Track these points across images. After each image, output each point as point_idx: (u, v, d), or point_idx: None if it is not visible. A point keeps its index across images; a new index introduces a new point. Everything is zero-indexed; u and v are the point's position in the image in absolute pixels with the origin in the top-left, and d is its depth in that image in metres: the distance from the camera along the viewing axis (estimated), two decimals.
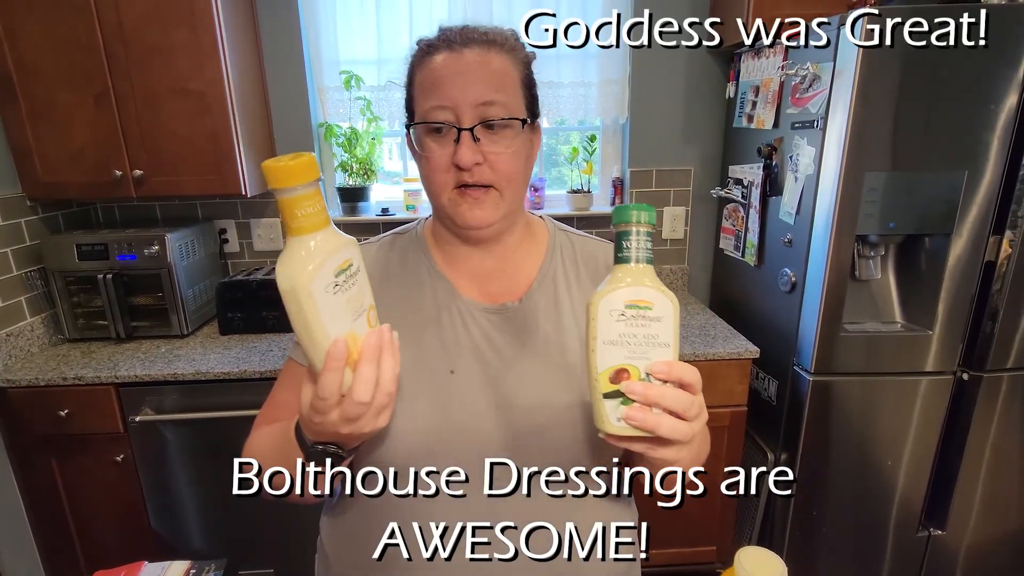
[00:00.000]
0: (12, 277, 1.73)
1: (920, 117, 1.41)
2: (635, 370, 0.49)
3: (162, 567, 0.57)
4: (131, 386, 1.62)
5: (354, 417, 0.51)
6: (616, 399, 0.50)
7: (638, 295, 0.49)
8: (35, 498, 1.72)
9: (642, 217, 0.50)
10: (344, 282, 0.50)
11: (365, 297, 0.54)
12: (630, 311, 0.50)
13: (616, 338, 0.50)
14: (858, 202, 1.46)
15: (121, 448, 1.66)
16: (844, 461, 1.68)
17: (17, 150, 1.71)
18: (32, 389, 1.60)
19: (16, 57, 1.63)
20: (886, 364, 1.59)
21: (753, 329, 1.82)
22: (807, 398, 1.63)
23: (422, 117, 0.64)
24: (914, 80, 1.38)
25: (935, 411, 1.63)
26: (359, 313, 0.52)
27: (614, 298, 0.50)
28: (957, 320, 1.56)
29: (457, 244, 0.72)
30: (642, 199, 2.19)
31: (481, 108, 0.62)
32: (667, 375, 0.49)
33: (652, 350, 0.49)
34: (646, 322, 0.49)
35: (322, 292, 0.49)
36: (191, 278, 1.90)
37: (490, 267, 0.73)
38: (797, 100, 1.58)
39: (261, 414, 0.75)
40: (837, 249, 1.50)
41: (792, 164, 1.63)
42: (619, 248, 0.51)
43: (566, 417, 0.65)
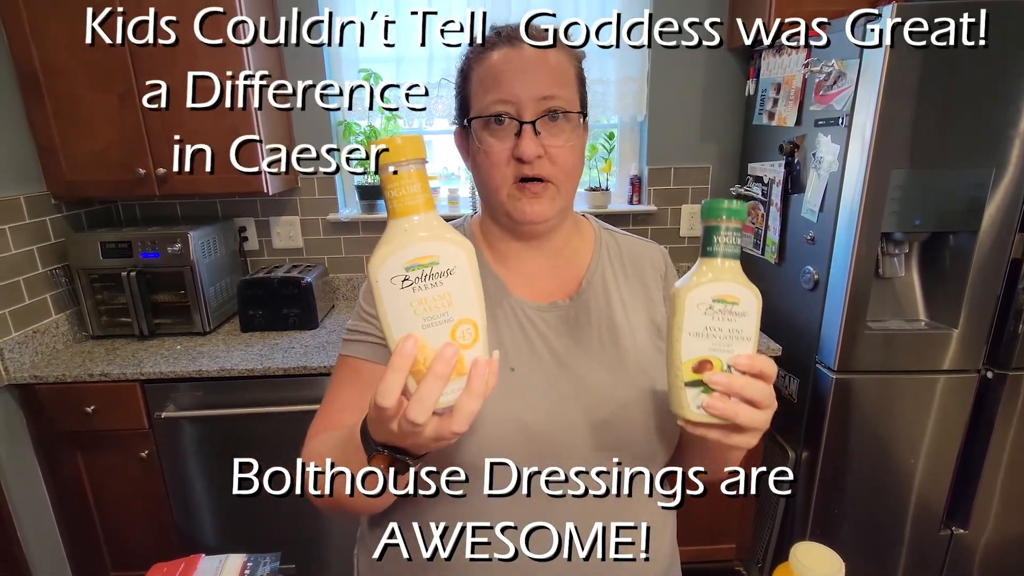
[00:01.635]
0: (37, 275, 1.74)
1: (945, 114, 1.40)
2: (718, 362, 0.51)
3: (219, 560, 0.58)
4: (156, 383, 1.63)
5: (412, 433, 0.46)
6: (697, 388, 0.52)
7: (726, 291, 0.51)
8: (61, 493, 1.74)
9: (732, 213, 0.51)
10: (418, 280, 0.45)
11: (455, 308, 0.46)
12: (717, 305, 0.51)
13: (702, 330, 0.51)
14: (883, 199, 1.46)
15: (146, 444, 1.68)
16: (866, 459, 1.68)
17: (43, 149, 1.73)
18: (59, 386, 1.61)
19: (42, 57, 1.65)
20: (910, 362, 1.59)
21: (774, 327, 1.81)
22: (829, 396, 1.62)
23: (482, 111, 0.64)
24: (939, 77, 1.37)
25: (959, 409, 1.62)
26: (439, 321, 0.46)
27: (702, 292, 0.51)
28: (982, 318, 1.55)
29: (509, 241, 0.72)
30: (660, 197, 2.19)
31: (542, 102, 0.62)
32: (749, 368, 0.51)
33: (735, 343, 0.51)
34: (731, 316, 0.51)
35: (387, 282, 0.45)
36: (212, 276, 1.92)
37: (541, 265, 0.73)
38: (821, 97, 1.58)
39: (316, 421, 0.70)
40: (862, 246, 1.49)
41: (815, 161, 1.62)
42: (708, 242, 0.52)
43: (625, 412, 0.66)
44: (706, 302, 0.51)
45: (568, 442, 0.65)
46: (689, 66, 2.06)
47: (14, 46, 1.64)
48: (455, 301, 0.46)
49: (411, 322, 0.46)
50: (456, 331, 0.47)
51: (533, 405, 0.66)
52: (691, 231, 2.22)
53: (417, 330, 0.46)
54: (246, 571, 0.57)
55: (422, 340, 0.46)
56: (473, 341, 0.47)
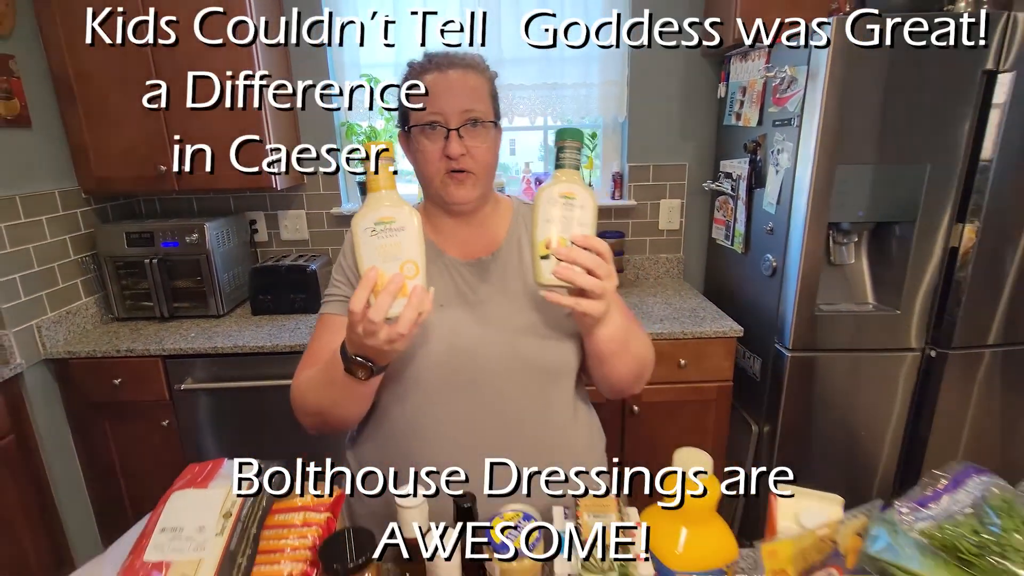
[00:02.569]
0: (70, 261, 1.93)
1: (884, 115, 1.55)
2: (563, 240, 0.72)
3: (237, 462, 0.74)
4: (176, 358, 1.81)
5: (371, 332, 0.68)
6: (548, 260, 0.71)
7: (568, 189, 0.71)
8: (90, 458, 1.93)
9: (573, 135, 0.72)
10: (382, 231, 0.68)
11: (403, 251, 0.69)
12: (562, 200, 0.71)
13: (551, 217, 0.72)
14: (830, 193, 1.61)
15: (166, 414, 1.86)
16: (822, 432, 1.82)
17: (75, 148, 1.92)
18: (89, 360, 1.80)
19: (75, 65, 1.84)
20: (859, 341, 1.74)
21: (741, 311, 1.97)
22: (786, 373, 1.77)
23: (419, 121, 0.83)
24: (878, 82, 1.52)
25: (906, 385, 1.77)
26: (392, 260, 0.69)
27: (551, 190, 0.72)
28: (923, 301, 1.69)
29: (443, 216, 0.92)
30: (640, 193, 2.34)
31: (464, 114, 0.82)
32: (584, 243, 0.71)
33: (576, 227, 0.71)
34: (572, 208, 0.71)
35: (361, 231, 0.69)
36: (226, 264, 2.10)
37: (468, 233, 0.93)
38: (777, 100, 1.73)
39: (303, 362, 0.92)
40: (811, 236, 1.65)
41: (773, 159, 1.77)
42: (557, 158, 0.73)
43: (530, 335, 0.87)
44: (554, 197, 0.71)
45: (485, 356, 0.86)
46: (666, 70, 2.22)
47: (51, 56, 1.83)
48: (404, 247, 0.69)
49: (374, 258, 0.69)
50: (403, 267, 0.70)
51: (457, 331, 0.86)
52: (669, 224, 2.38)
53: (378, 264, 0.69)
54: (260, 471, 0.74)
55: (380, 271, 0.69)
56: (415, 274, 0.70)
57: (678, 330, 1.83)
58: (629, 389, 0.92)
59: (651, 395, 1.88)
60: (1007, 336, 1.71)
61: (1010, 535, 0.65)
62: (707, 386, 1.88)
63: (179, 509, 0.65)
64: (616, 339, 0.81)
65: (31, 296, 1.77)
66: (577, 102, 2.25)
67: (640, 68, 2.22)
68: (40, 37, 1.82)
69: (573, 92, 2.24)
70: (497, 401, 0.86)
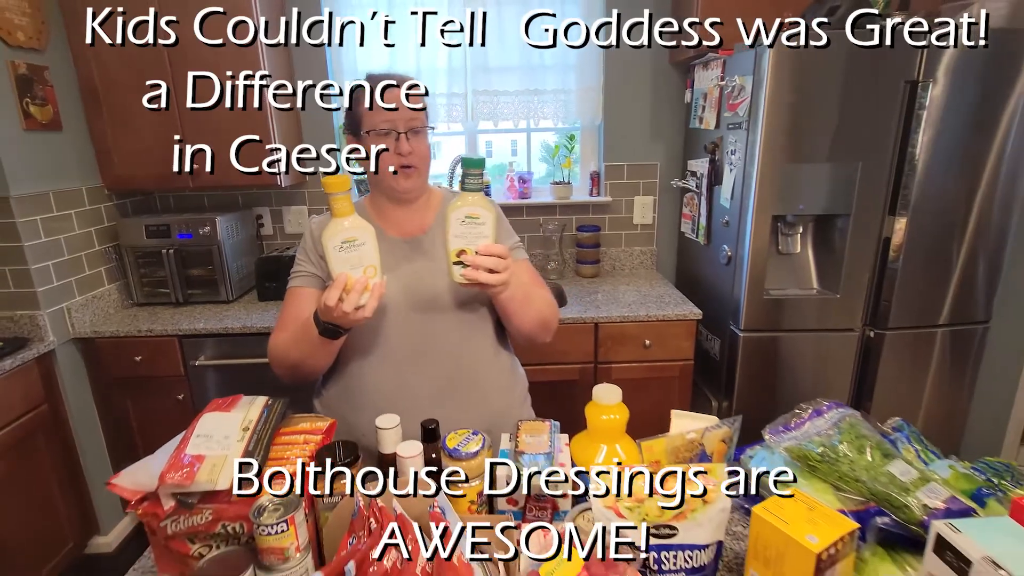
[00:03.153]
0: (95, 251, 2.14)
1: (819, 119, 1.74)
2: (470, 249, 0.95)
3: (251, 399, 0.93)
4: (191, 337, 2.02)
5: (342, 315, 0.93)
6: (459, 265, 0.95)
7: (472, 211, 0.93)
8: (113, 428, 2.13)
9: (473, 164, 0.93)
10: (347, 248, 0.93)
11: (365, 260, 0.93)
12: (467, 219, 0.93)
13: (459, 233, 0.94)
14: (774, 188, 1.80)
15: (181, 388, 2.06)
16: (772, 405, 2.02)
17: (100, 149, 2.12)
18: (113, 339, 2.00)
19: (101, 75, 2.04)
20: (805, 322, 1.93)
21: (704, 297, 2.17)
22: (740, 352, 1.97)
23: (375, 127, 1.04)
24: (816, 87, 1.72)
25: (848, 362, 1.96)
26: (356, 266, 0.93)
27: (459, 212, 0.94)
28: (862, 287, 1.89)
29: (388, 203, 1.14)
30: (615, 190, 2.54)
31: (410, 122, 1.05)
32: (486, 251, 0.95)
33: (479, 240, 0.93)
34: (476, 226, 0.93)
35: (331, 248, 0.92)
36: (235, 254, 2.30)
37: (406, 216, 1.16)
38: (731, 105, 1.93)
39: (278, 326, 1.13)
40: (758, 227, 1.84)
41: (728, 158, 1.97)
42: (463, 182, 0.94)
43: (449, 291, 1.10)
44: (461, 217, 0.93)
45: (417, 305, 1.10)
46: (639, 77, 2.41)
47: (79, 66, 2.04)
48: (364, 257, 0.94)
49: (342, 267, 0.93)
50: (365, 271, 0.94)
51: (397, 288, 1.09)
52: (643, 219, 2.57)
53: (346, 270, 0.93)
54: (268, 402, 0.93)
55: (348, 275, 0.93)
56: (374, 275, 0.95)
57: (643, 313, 2.02)
58: (539, 337, 1.16)
59: (620, 372, 2.07)
60: (937, 318, 1.91)
61: (844, 446, 0.85)
62: (670, 364, 2.08)
63: (209, 424, 0.85)
64: (516, 299, 1.06)
65: (62, 281, 1.98)
66: (557, 106, 2.44)
67: (615, 75, 2.41)
68: (70, 50, 2.03)
69: (553, 97, 2.44)
70: (430, 345, 1.11)
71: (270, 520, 0.71)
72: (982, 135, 1.75)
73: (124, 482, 0.76)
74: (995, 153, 1.76)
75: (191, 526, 0.76)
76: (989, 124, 1.74)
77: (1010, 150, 1.76)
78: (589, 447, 0.88)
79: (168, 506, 0.75)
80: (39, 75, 1.89)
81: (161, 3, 1.95)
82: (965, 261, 1.86)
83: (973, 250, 1.85)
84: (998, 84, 1.71)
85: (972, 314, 1.93)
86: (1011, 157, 1.77)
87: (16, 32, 1.80)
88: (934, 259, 1.85)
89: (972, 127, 1.74)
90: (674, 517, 0.71)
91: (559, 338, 2.02)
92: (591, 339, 2.05)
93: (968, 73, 1.69)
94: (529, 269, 1.20)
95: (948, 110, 1.71)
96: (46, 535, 1.89)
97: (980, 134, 1.75)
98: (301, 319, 1.04)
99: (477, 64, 2.38)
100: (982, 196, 1.80)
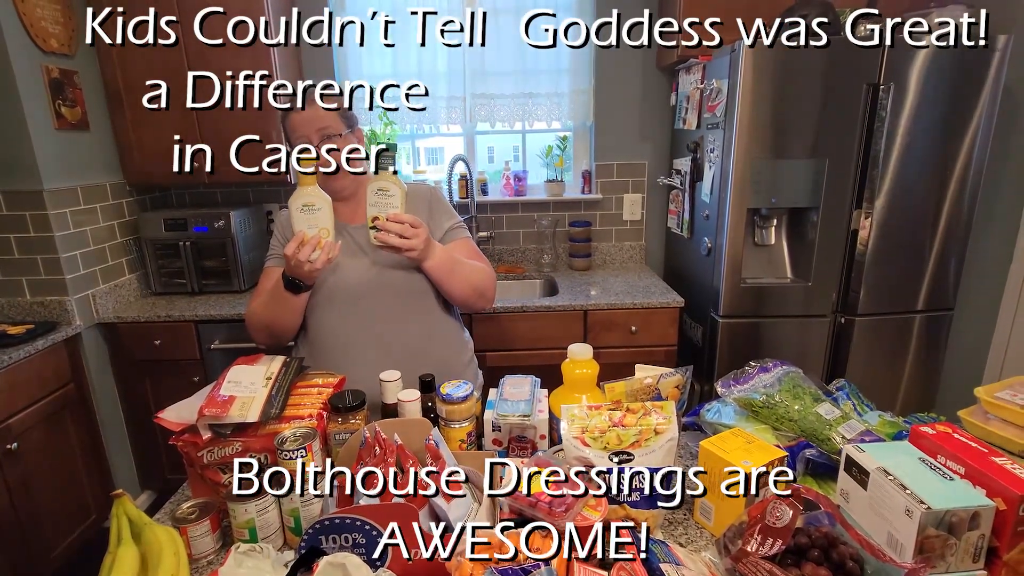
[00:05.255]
0: (117, 243, 2.29)
1: (789, 119, 1.89)
2: (382, 217, 1.13)
3: (271, 357, 1.07)
4: (206, 323, 2.16)
5: (299, 266, 1.10)
6: (374, 230, 1.13)
7: (383, 185, 1.11)
8: (132, 409, 2.27)
9: (389, 148, 1.13)
10: (307, 211, 1.10)
11: (320, 222, 1.10)
12: (379, 192, 1.11)
13: (374, 203, 1.13)
14: (749, 184, 1.94)
15: (197, 371, 2.20)
16: None
17: (122, 148, 2.28)
18: (134, 324, 2.15)
19: (124, 78, 2.20)
20: (780, 309, 2.07)
21: (688, 288, 2.30)
22: (719, 337, 2.11)
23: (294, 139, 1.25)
24: (785, 89, 1.86)
25: (821, 346, 2.10)
26: (313, 227, 1.11)
27: (374, 186, 1.12)
28: (832, 276, 2.02)
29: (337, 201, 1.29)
30: (605, 188, 2.68)
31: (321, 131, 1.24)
32: (395, 218, 1.12)
33: (389, 209, 1.12)
34: (386, 197, 1.11)
35: (295, 209, 1.10)
36: (247, 247, 2.44)
37: (347, 209, 1.32)
38: (709, 107, 2.07)
39: (253, 296, 1.34)
40: (735, 219, 1.98)
41: (708, 156, 2.11)
42: (376, 163, 1.12)
43: (396, 269, 1.27)
44: (374, 190, 1.12)
45: (368, 284, 1.26)
46: (628, 81, 2.56)
47: (104, 70, 2.20)
48: (320, 220, 1.11)
49: (302, 225, 1.11)
50: (320, 231, 1.11)
51: (348, 266, 1.27)
52: (632, 216, 2.71)
53: (305, 229, 1.10)
54: (286, 360, 1.08)
55: (305, 232, 1.10)
56: (327, 236, 1.12)
57: (629, 302, 2.16)
58: (475, 303, 1.32)
59: (607, 356, 2.18)
60: (905, 305, 2.04)
61: (783, 395, 0.98)
62: (655, 350, 2.21)
63: (237, 374, 0.99)
64: (441, 268, 1.23)
65: (88, 270, 2.12)
66: (550, 109, 2.59)
67: (605, 78, 2.56)
68: (97, 54, 2.18)
69: (547, 100, 2.58)
70: (379, 312, 1.27)
71: (292, 447, 0.85)
72: (946, 136, 1.89)
73: (170, 416, 0.90)
74: (963, 153, 1.91)
75: (224, 455, 0.90)
76: (954, 125, 1.88)
77: (976, 152, 1.90)
78: (567, 397, 1.02)
79: (206, 436, 0.89)
80: (69, 79, 2.04)
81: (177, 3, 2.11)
82: (931, 252, 2.00)
83: (938, 242, 1.98)
84: (963, 87, 1.85)
85: (939, 302, 2.06)
86: (977, 159, 1.91)
87: (50, 39, 1.95)
88: (901, 250, 1.99)
89: (935, 128, 1.88)
90: (631, 445, 0.84)
91: (551, 324, 2.18)
92: (580, 325, 2.18)
93: (930, 76, 1.83)
94: (467, 246, 1.36)
95: (910, 111, 1.85)
96: (71, 507, 2.03)
97: (944, 134, 1.89)
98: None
99: (475, 68, 2.52)
100: (947, 192, 1.94)
